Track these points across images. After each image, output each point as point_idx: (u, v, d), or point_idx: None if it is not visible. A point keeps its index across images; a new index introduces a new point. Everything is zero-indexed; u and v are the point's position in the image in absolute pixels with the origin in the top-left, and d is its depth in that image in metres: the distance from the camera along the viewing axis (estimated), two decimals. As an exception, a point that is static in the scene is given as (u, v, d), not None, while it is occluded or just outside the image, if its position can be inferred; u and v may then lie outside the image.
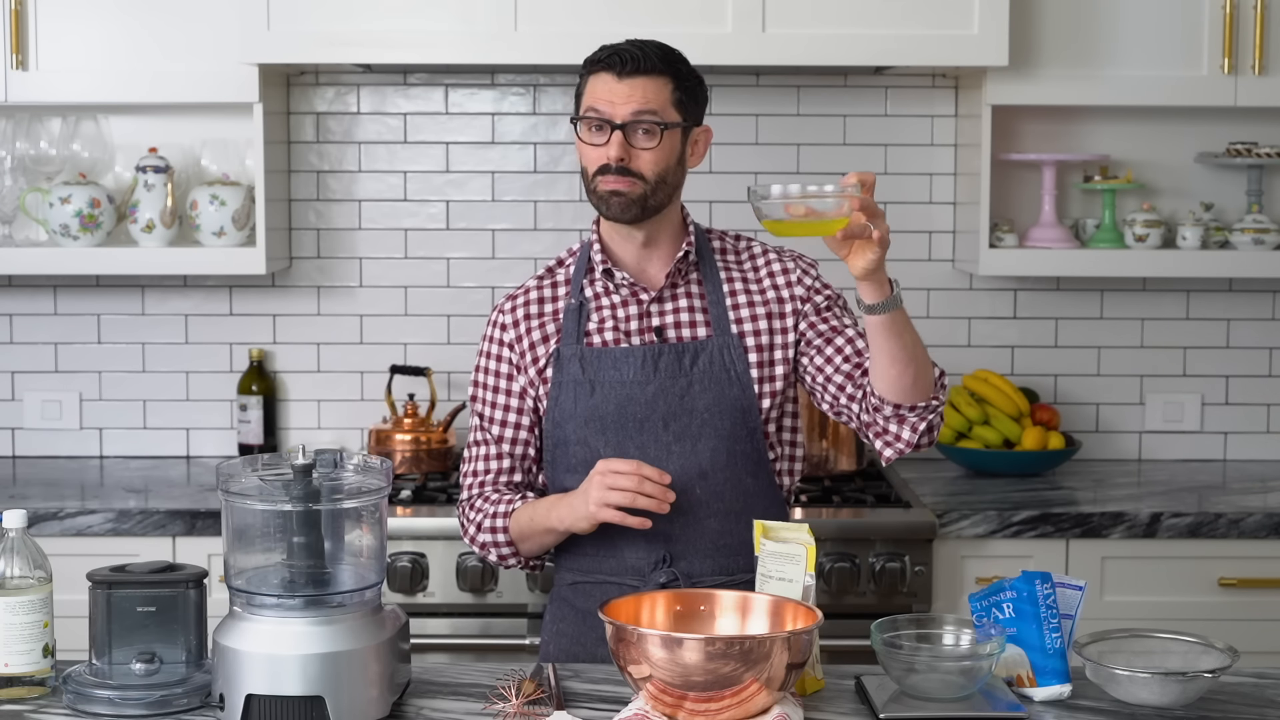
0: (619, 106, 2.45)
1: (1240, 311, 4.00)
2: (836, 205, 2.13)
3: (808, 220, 2.13)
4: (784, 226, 2.14)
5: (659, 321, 2.55)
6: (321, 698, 2.03)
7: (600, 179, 2.47)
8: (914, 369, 2.38)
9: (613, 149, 2.45)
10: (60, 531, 3.37)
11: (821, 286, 2.59)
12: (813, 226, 2.14)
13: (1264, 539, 3.41)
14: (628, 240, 2.55)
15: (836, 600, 3.31)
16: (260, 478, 2.12)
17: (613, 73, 2.46)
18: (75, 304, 3.98)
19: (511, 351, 2.58)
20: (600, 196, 2.48)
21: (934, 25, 3.52)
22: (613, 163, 2.44)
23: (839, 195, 2.13)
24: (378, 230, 3.97)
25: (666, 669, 1.96)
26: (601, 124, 2.46)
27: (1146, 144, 3.94)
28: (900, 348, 2.35)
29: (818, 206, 2.13)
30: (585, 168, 2.50)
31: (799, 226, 2.14)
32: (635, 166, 2.45)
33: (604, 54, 2.48)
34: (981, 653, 2.12)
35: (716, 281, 2.57)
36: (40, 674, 2.19)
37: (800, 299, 2.57)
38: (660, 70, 2.47)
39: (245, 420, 3.92)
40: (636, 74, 2.46)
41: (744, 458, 2.53)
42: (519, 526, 2.54)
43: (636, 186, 2.46)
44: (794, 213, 2.12)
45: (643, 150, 2.46)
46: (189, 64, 3.65)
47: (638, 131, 2.45)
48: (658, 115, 2.46)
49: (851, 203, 2.14)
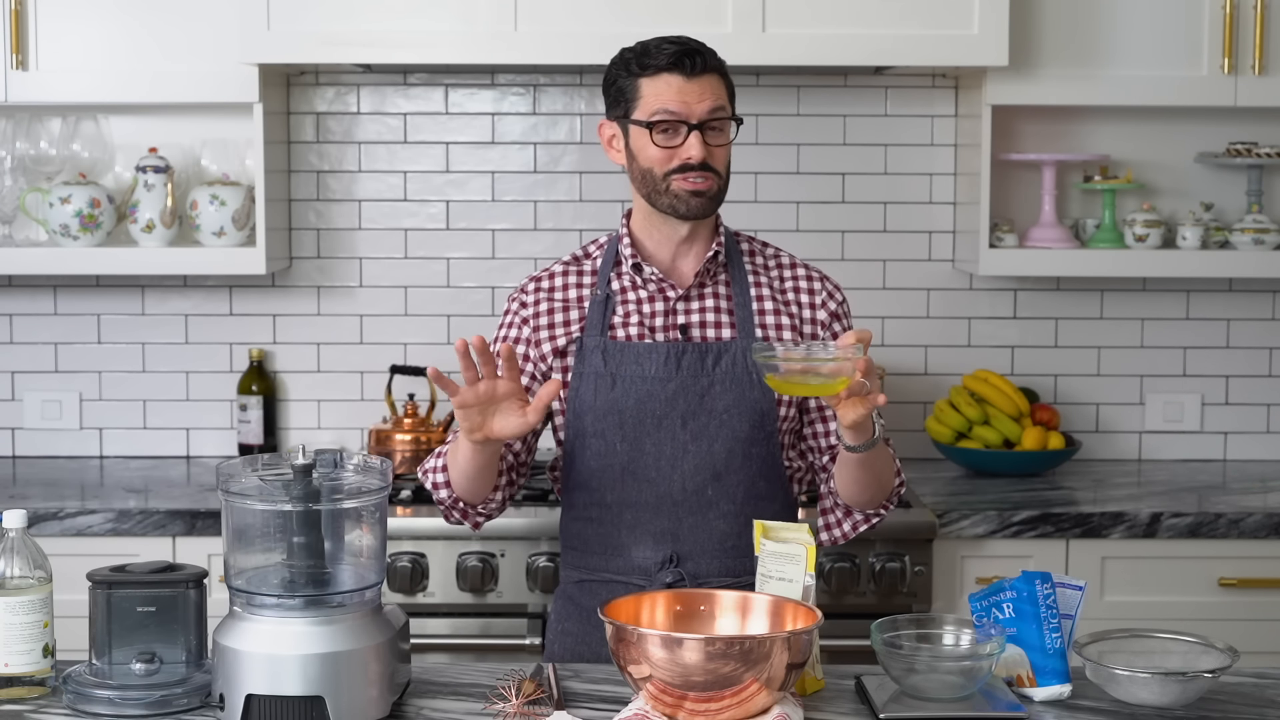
0: (694, 106, 2.45)
1: (1240, 311, 4.00)
2: (835, 366, 2.19)
3: (808, 381, 2.20)
4: (788, 385, 2.21)
5: (684, 319, 2.55)
6: (321, 698, 2.03)
7: (676, 179, 2.47)
8: (874, 490, 2.50)
9: (695, 149, 2.45)
10: (60, 531, 3.37)
11: (844, 314, 2.62)
12: (818, 387, 2.21)
13: (1264, 539, 3.41)
14: (668, 236, 2.55)
15: (836, 600, 3.31)
16: (260, 478, 2.12)
17: (681, 73, 2.45)
18: (75, 304, 3.98)
19: (526, 327, 2.57)
20: (678, 196, 2.48)
21: (934, 25, 3.52)
22: (695, 160, 2.45)
23: (841, 359, 2.19)
24: (378, 230, 3.97)
25: (666, 669, 1.96)
26: (675, 125, 2.46)
27: (1146, 144, 3.94)
28: (869, 476, 2.47)
29: (818, 367, 2.20)
30: (650, 169, 2.48)
31: (804, 386, 2.21)
32: (712, 162, 2.47)
33: (666, 57, 2.46)
34: (981, 653, 2.12)
35: (744, 284, 2.57)
36: (40, 674, 2.19)
37: (823, 323, 2.59)
38: (717, 67, 2.50)
39: (245, 420, 3.92)
40: (705, 72, 2.47)
41: (759, 461, 2.53)
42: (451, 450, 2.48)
43: (713, 183, 2.48)
44: (791, 369, 2.19)
45: (717, 147, 2.48)
46: (189, 64, 3.65)
47: (709, 129, 2.46)
48: (725, 111, 2.48)
49: (856, 364, 2.20)
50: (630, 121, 2.49)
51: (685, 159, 2.45)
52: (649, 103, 2.46)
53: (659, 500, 2.50)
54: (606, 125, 2.55)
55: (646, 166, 2.49)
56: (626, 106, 2.50)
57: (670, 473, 2.50)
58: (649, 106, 2.46)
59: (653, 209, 2.52)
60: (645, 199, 2.52)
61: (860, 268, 3.96)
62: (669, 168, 2.46)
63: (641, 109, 2.47)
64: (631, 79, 2.49)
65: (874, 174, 3.96)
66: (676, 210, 2.49)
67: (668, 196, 2.48)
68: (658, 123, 2.46)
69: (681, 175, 2.46)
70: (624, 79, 2.50)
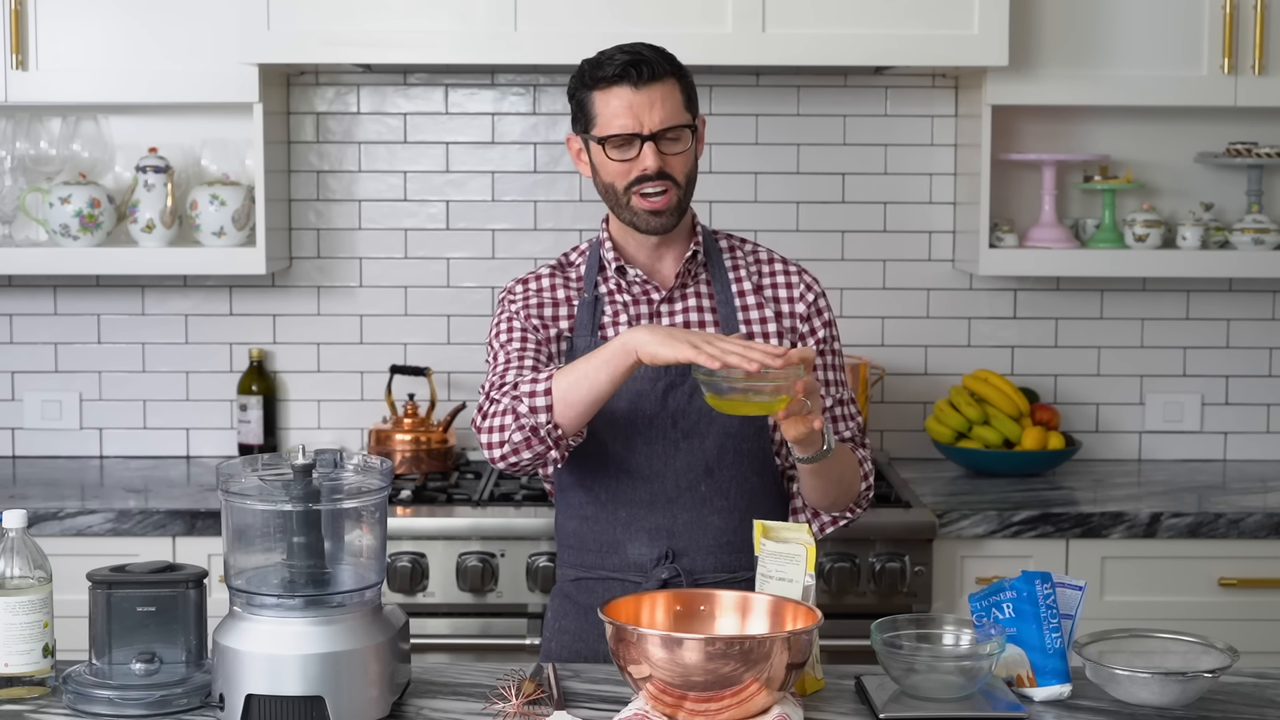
0: (645, 118, 2.45)
1: (1240, 311, 4.00)
2: (776, 386, 2.24)
3: (749, 399, 2.25)
4: (727, 404, 2.26)
5: (669, 320, 2.56)
6: (321, 698, 2.03)
7: (636, 194, 2.47)
8: (835, 495, 2.53)
9: (649, 160, 2.45)
10: (60, 531, 3.37)
11: (822, 309, 2.62)
12: (757, 406, 2.26)
13: (1264, 539, 3.41)
14: (644, 241, 2.56)
15: (836, 600, 3.31)
16: (260, 478, 2.12)
17: (629, 85, 2.44)
18: (75, 304, 3.98)
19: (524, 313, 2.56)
20: (637, 214, 2.49)
21: (934, 25, 3.52)
22: (651, 170, 2.45)
23: (781, 380, 2.23)
24: (378, 230, 3.97)
25: (666, 669, 1.96)
26: (629, 139, 2.46)
27: (1146, 144, 3.94)
28: (826, 483, 2.49)
29: (760, 385, 2.24)
30: (611, 183, 2.49)
31: (745, 405, 2.26)
32: (669, 171, 2.47)
33: (611, 68, 2.45)
34: (981, 653, 2.12)
35: (725, 281, 2.59)
36: (40, 674, 2.19)
37: (801, 316, 2.60)
38: (669, 73, 2.48)
39: (245, 420, 3.92)
40: (653, 81, 2.45)
41: (750, 456, 2.54)
42: (567, 376, 2.36)
43: (672, 196, 2.48)
44: (733, 389, 2.24)
45: (674, 156, 2.47)
46: (189, 64, 3.65)
47: (664, 138, 2.46)
48: (678, 119, 2.47)
49: (795, 385, 2.25)
50: (589, 137, 2.50)
51: (642, 170, 2.45)
52: (603, 119, 2.47)
53: (653, 497, 2.51)
54: (573, 139, 2.56)
55: (608, 181, 2.50)
56: (585, 122, 2.50)
57: (663, 470, 2.51)
58: (603, 123, 2.47)
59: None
60: (611, 210, 2.54)
61: (860, 268, 3.96)
62: (628, 181, 2.47)
63: (598, 125, 2.48)
64: (587, 92, 2.49)
65: (874, 174, 3.96)
66: (637, 227, 2.51)
67: (628, 212, 2.50)
68: (611, 137, 2.46)
69: (640, 190, 2.46)
70: (581, 92, 2.50)
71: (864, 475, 2.59)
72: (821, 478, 2.47)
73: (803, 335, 2.60)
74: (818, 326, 2.61)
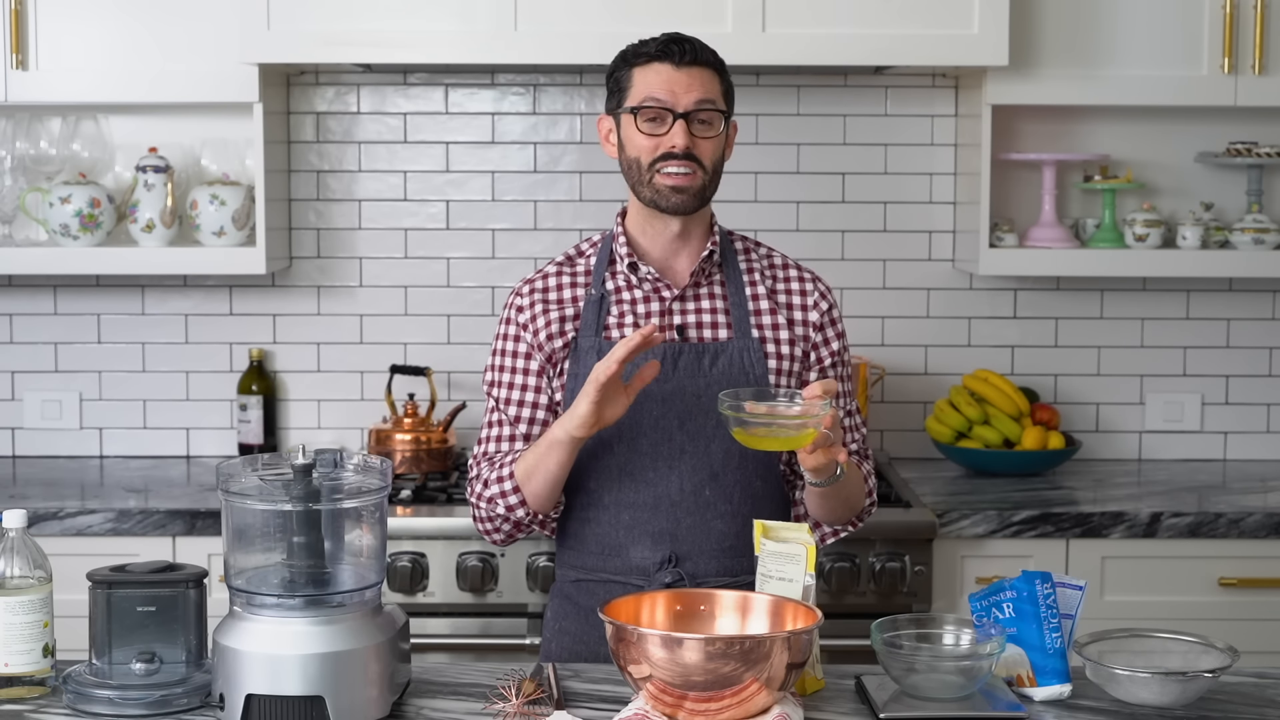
0: (681, 95, 2.46)
1: (1240, 311, 4.00)
2: (803, 422, 2.25)
3: (775, 435, 2.26)
4: (753, 439, 2.27)
5: (681, 320, 2.54)
6: (321, 698, 2.03)
7: (660, 170, 2.47)
8: (841, 512, 2.56)
9: (679, 136, 2.45)
10: (60, 531, 3.37)
11: (834, 320, 2.62)
12: (785, 441, 2.27)
13: (1264, 539, 3.41)
14: (661, 233, 2.55)
15: (836, 600, 3.31)
16: (260, 478, 2.12)
17: (670, 62, 2.46)
18: (75, 304, 3.98)
19: (526, 332, 2.57)
20: (659, 190, 2.48)
21: (934, 25, 3.52)
22: (679, 149, 2.45)
23: (809, 415, 2.25)
24: (378, 230, 3.97)
25: (666, 669, 1.96)
26: (661, 113, 2.46)
27: (1146, 144, 3.94)
28: (834, 502, 2.51)
29: (784, 422, 2.26)
30: (637, 158, 2.48)
31: (772, 441, 2.27)
32: (697, 154, 2.46)
33: (655, 45, 2.48)
34: (981, 653, 2.12)
35: (739, 283, 2.58)
36: (40, 674, 2.19)
37: (814, 325, 2.59)
38: (711, 61, 2.50)
39: (245, 420, 3.92)
40: (695, 64, 2.47)
41: (755, 461, 2.53)
42: (524, 465, 2.48)
43: (697, 177, 2.47)
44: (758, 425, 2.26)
45: (704, 139, 2.47)
46: (189, 64, 3.65)
47: (697, 120, 2.46)
48: (715, 104, 2.48)
49: (823, 420, 2.26)
50: (621, 111, 2.50)
51: (669, 147, 2.45)
52: (638, 90, 2.48)
53: (657, 501, 2.50)
54: (604, 120, 2.57)
55: (634, 155, 2.49)
56: (620, 97, 2.51)
57: (668, 473, 2.50)
58: (638, 94, 2.48)
59: (643, 204, 2.53)
60: (632, 190, 2.53)
61: (860, 268, 3.96)
62: (654, 156, 2.47)
63: (631, 97, 2.49)
64: (626, 69, 2.51)
65: (874, 174, 3.96)
66: (657, 204, 2.49)
67: (650, 189, 2.49)
68: (644, 108, 2.46)
69: (665, 167, 2.46)
70: (621, 71, 2.52)
71: (868, 491, 2.60)
72: (830, 498, 2.48)
73: (815, 345, 2.58)
74: (831, 338, 2.60)
